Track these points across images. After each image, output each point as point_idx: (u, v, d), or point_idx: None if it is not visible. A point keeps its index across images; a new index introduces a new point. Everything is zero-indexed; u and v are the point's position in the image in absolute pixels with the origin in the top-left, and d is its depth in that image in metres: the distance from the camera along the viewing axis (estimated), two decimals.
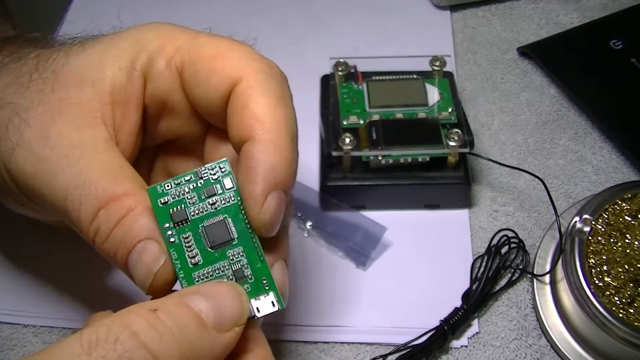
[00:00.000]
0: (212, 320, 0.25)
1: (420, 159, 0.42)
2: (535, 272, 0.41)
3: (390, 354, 0.37)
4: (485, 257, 0.41)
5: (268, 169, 0.28)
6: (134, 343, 0.23)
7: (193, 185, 0.30)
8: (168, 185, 0.29)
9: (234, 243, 0.29)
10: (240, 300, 0.26)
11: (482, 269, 0.40)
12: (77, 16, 0.56)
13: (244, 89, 0.30)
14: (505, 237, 0.41)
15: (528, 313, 0.40)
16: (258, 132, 0.29)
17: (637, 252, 0.37)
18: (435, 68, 0.45)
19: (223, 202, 0.29)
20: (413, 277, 0.41)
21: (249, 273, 0.29)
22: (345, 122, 0.43)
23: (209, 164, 0.30)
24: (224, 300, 0.26)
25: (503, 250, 0.41)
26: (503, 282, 0.41)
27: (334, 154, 0.41)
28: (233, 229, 0.29)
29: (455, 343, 0.39)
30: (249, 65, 0.30)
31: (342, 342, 0.39)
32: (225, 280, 0.29)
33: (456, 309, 0.39)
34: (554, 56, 0.51)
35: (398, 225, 0.43)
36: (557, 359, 0.38)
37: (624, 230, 0.38)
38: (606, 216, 0.38)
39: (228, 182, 0.30)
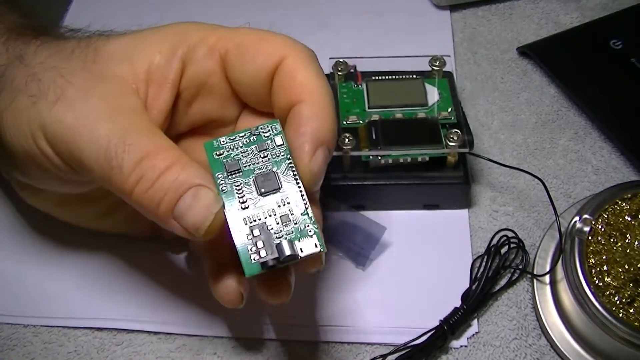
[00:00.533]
0: None
1: (419, 159, 0.42)
2: (535, 272, 0.40)
3: (390, 354, 0.37)
4: (485, 257, 0.41)
5: (316, 127, 0.32)
6: None
7: (246, 141, 0.33)
8: (223, 140, 0.33)
9: (282, 192, 0.32)
10: None
11: (481, 269, 0.40)
12: (79, 14, 0.56)
13: (291, 63, 0.33)
14: (505, 237, 0.41)
15: (528, 313, 0.40)
16: (307, 96, 0.33)
17: (637, 252, 0.37)
18: (435, 68, 0.45)
19: (273, 156, 0.32)
20: (413, 277, 0.41)
21: (294, 218, 0.31)
22: (344, 122, 0.43)
23: (262, 124, 0.33)
24: None
25: (503, 250, 0.41)
26: (503, 282, 0.41)
27: (334, 153, 0.41)
28: (281, 179, 0.32)
29: (454, 343, 0.38)
30: (291, 46, 0.34)
31: (341, 342, 0.39)
32: (272, 224, 0.31)
33: (456, 309, 0.38)
34: (554, 56, 0.51)
35: (398, 225, 0.43)
36: (557, 359, 0.38)
37: (624, 230, 0.38)
38: (606, 216, 0.38)
39: (279, 140, 0.33)
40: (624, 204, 0.39)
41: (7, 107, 0.33)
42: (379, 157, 0.42)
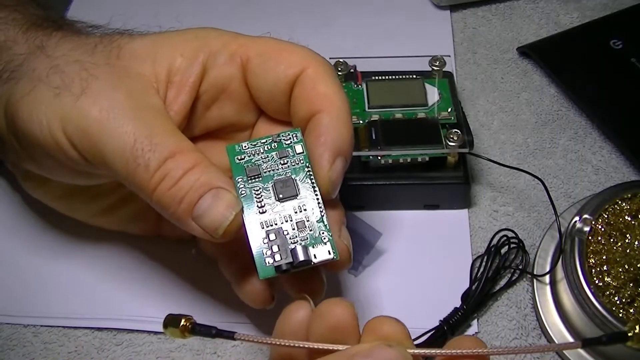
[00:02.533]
0: None
1: (419, 159, 0.42)
2: (535, 272, 0.40)
3: None
4: (485, 257, 0.40)
5: (336, 137, 0.33)
6: None
7: (268, 147, 0.34)
8: (245, 145, 0.34)
9: (300, 199, 0.33)
10: None
11: (481, 269, 0.40)
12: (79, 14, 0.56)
13: (312, 74, 0.34)
14: (505, 237, 0.41)
15: (528, 313, 0.40)
16: (328, 107, 0.34)
17: (637, 252, 0.37)
18: (435, 68, 0.45)
19: (293, 164, 0.33)
20: (412, 277, 0.41)
21: (309, 225, 0.32)
22: None
23: (284, 132, 0.34)
24: None
25: (503, 251, 0.41)
26: (503, 282, 0.41)
27: None
28: (300, 187, 0.33)
29: None
30: (312, 57, 0.35)
31: None
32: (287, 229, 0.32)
33: (455, 309, 0.38)
34: (554, 56, 0.51)
35: (397, 225, 0.43)
36: (557, 359, 0.38)
37: (624, 230, 0.38)
38: (606, 216, 0.38)
39: (299, 148, 0.34)
40: (624, 204, 0.39)
41: (24, 95, 0.34)
42: (379, 157, 0.42)
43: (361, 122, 0.43)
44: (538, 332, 0.39)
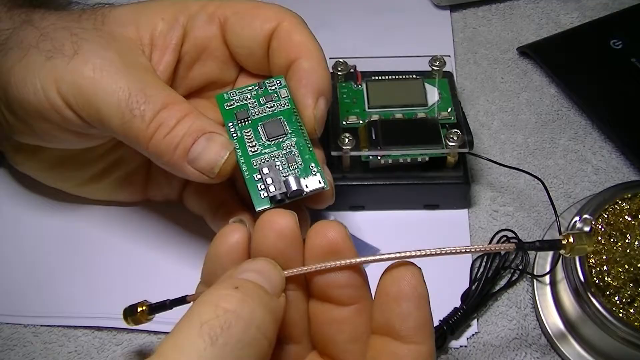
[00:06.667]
0: (270, 290, 0.28)
1: (419, 159, 0.42)
2: (535, 273, 0.40)
3: None
4: (485, 258, 0.40)
5: (317, 79, 0.36)
6: (241, 323, 0.25)
7: (254, 93, 0.36)
8: (233, 93, 0.37)
9: (288, 137, 0.35)
10: (279, 271, 0.29)
11: (481, 269, 0.40)
12: None
13: (287, 26, 0.37)
14: (505, 238, 0.41)
15: (528, 313, 0.40)
16: (305, 53, 0.36)
17: (637, 252, 0.37)
18: (435, 68, 0.45)
19: (279, 107, 0.36)
20: None
21: (299, 160, 0.35)
22: (344, 122, 0.43)
23: (268, 79, 0.37)
24: (270, 274, 0.28)
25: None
26: (503, 282, 0.41)
27: (333, 153, 0.41)
28: (287, 127, 0.35)
29: (454, 343, 0.39)
30: (285, 12, 0.38)
31: None
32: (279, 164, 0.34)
33: (455, 309, 0.38)
34: (554, 56, 0.51)
35: (397, 225, 0.43)
36: (557, 359, 0.38)
37: (624, 230, 0.38)
38: (606, 216, 0.38)
39: (284, 92, 0.36)
40: (624, 204, 0.39)
41: (16, 63, 0.35)
42: (379, 157, 0.42)
43: (361, 122, 0.43)
44: (538, 332, 0.39)
